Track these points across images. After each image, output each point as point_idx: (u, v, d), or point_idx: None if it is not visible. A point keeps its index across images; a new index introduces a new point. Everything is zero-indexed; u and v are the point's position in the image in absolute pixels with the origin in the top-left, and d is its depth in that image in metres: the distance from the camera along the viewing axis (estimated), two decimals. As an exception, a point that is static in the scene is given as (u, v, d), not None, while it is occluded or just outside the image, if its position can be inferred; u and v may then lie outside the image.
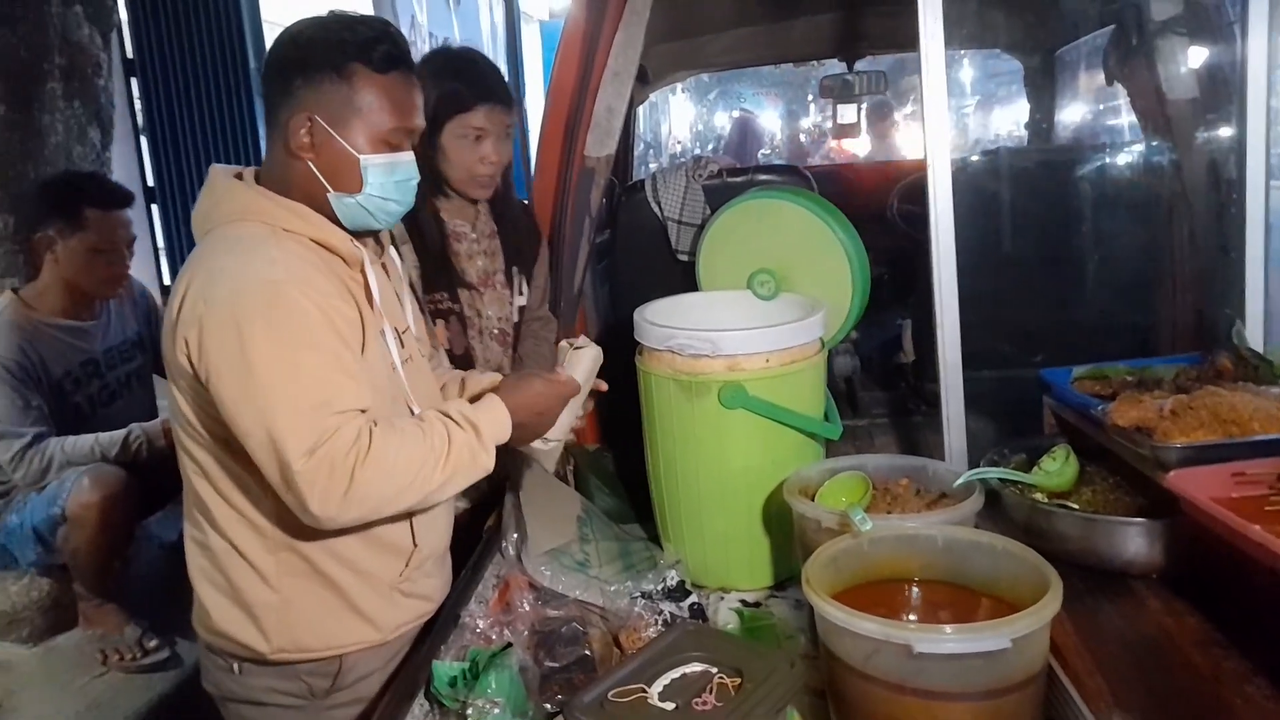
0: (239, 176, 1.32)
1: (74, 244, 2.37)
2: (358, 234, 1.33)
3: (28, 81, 2.54)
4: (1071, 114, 3.66)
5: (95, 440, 2.40)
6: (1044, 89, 3.40)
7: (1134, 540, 1.39)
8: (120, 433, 2.42)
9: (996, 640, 0.99)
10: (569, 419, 1.56)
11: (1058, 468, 1.54)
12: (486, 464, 1.29)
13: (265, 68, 1.29)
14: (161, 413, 2.69)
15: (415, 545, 1.38)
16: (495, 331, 1.96)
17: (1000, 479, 1.53)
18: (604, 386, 1.63)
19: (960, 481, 1.46)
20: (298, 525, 1.21)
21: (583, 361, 1.57)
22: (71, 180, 2.53)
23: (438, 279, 1.87)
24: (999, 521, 1.49)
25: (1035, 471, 1.54)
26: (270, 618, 1.29)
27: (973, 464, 1.63)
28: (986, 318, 1.77)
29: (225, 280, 1.16)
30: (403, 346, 1.39)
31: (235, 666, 1.34)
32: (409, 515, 1.35)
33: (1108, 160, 2.45)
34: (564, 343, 1.60)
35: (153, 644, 2.42)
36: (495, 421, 1.31)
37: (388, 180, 1.28)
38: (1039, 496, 1.52)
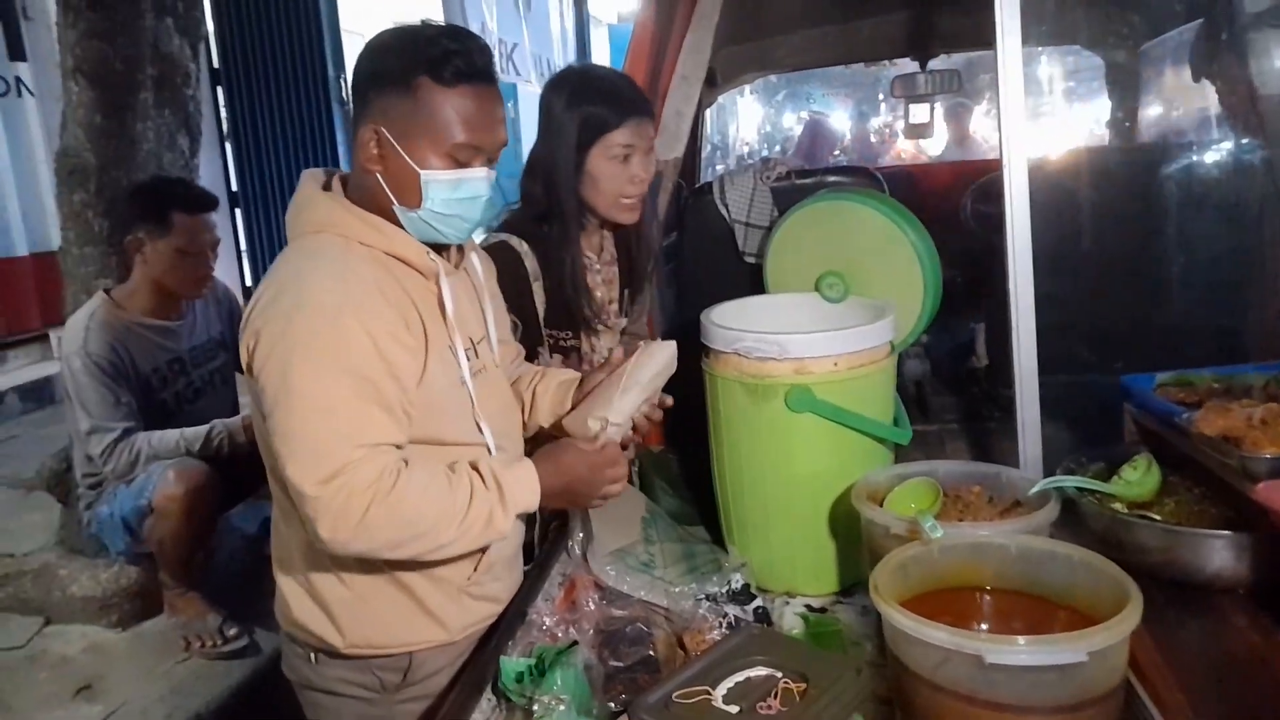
0: (327, 184, 1.33)
1: (162, 246, 2.47)
2: (434, 245, 1.33)
3: (123, 91, 2.65)
4: (1155, 111, 3.53)
5: (180, 435, 2.49)
6: (1126, 86, 3.29)
7: (1220, 553, 1.34)
8: (203, 428, 2.51)
9: (1072, 653, 0.96)
10: (634, 402, 1.48)
11: (1139, 477, 1.49)
12: (503, 528, 1.28)
13: (352, 79, 1.30)
14: (243, 409, 2.78)
15: (482, 550, 1.39)
16: (603, 360, 1.96)
17: (1078, 488, 1.48)
18: (668, 401, 1.58)
19: (1036, 489, 1.42)
20: None
21: (654, 357, 1.53)
22: (160, 185, 2.64)
23: (567, 319, 1.85)
24: (1075, 532, 1.45)
25: (1115, 481, 1.49)
26: (344, 614, 1.32)
27: (1048, 472, 1.59)
28: (1064, 321, 1.72)
29: (288, 296, 1.19)
30: (476, 357, 1.39)
31: (312, 656, 1.38)
32: None
33: (1194, 159, 2.36)
34: (640, 344, 1.56)
35: (232, 632, 2.51)
36: (524, 488, 1.30)
37: (450, 197, 1.26)
38: (1118, 506, 1.47)
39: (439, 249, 1.34)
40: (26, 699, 2.30)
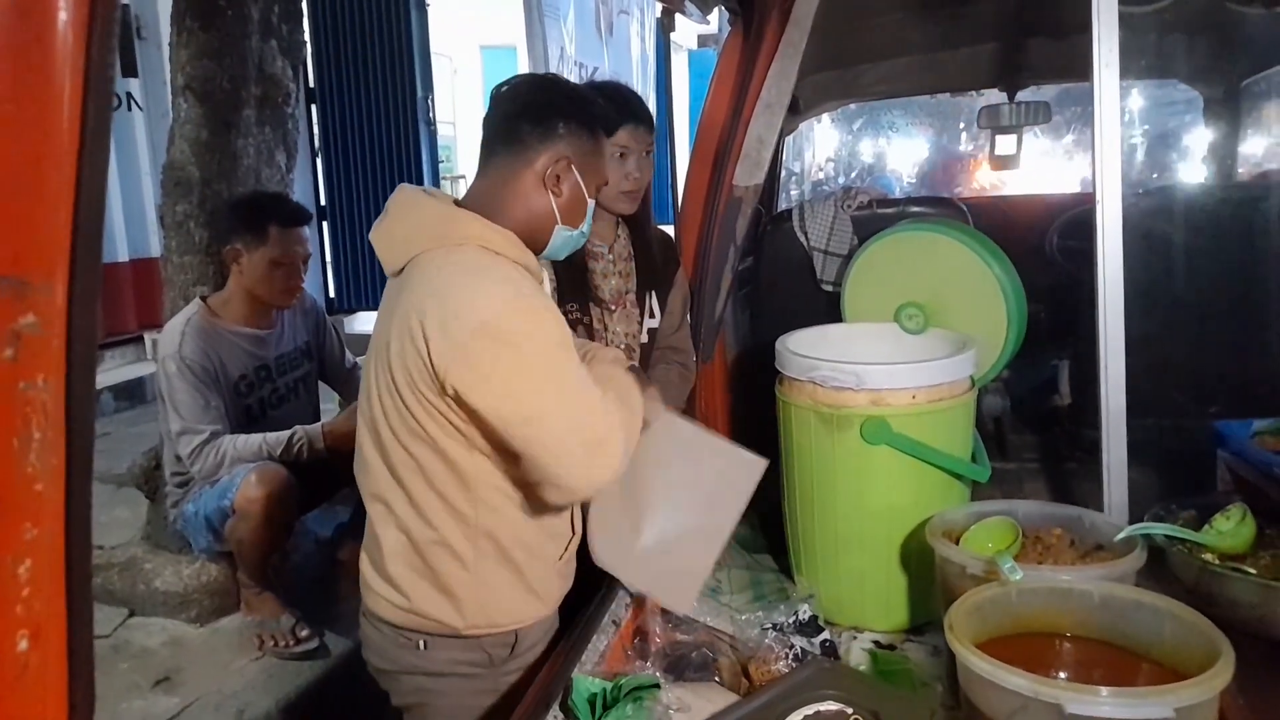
0: (430, 197, 1.45)
1: (258, 257, 2.56)
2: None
3: (228, 109, 2.76)
4: (1257, 148, 3.40)
5: (263, 440, 2.55)
6: (1226, 122, 3.18)
7: (1320, 613, 1.28)
8: (285, 434, 2.57)
9: (1158, 708, 0.93)
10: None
11: (1232, 528, 1.43)
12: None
13: (524, 105, 1.42)
14: (325, 416, 2.86)
15: (573, 532, 1.50)
16: (621, 347, 2.02)
17: (1166, 536, 1.43)
18: None
19: (1122, 535, 1.38)
20: (494, 516, 1.38)
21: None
22: (259, 199, 2.73)
23: (571, 292, 1.94)
24: (1161, 581, 1.40)
25: (1206, 530, 1.44)
26: (469, 598, 1.41)
27: (1134, 518, 1.54)
28: (1155, 363, 1.67)
29: (479, 303, 1.27)
30: None
31: (421, 643, 1.45)
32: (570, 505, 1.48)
33: (1299, 198, 2.27)
34: None
35: (304, 633, 2.56)
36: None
37: (587, 222, 1.49)
38: (1209, 558, 1.42)
39: None
40: (110, 688, 2.38)
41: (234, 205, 2.70)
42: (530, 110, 1.41)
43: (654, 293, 2.07)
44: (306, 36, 3.84)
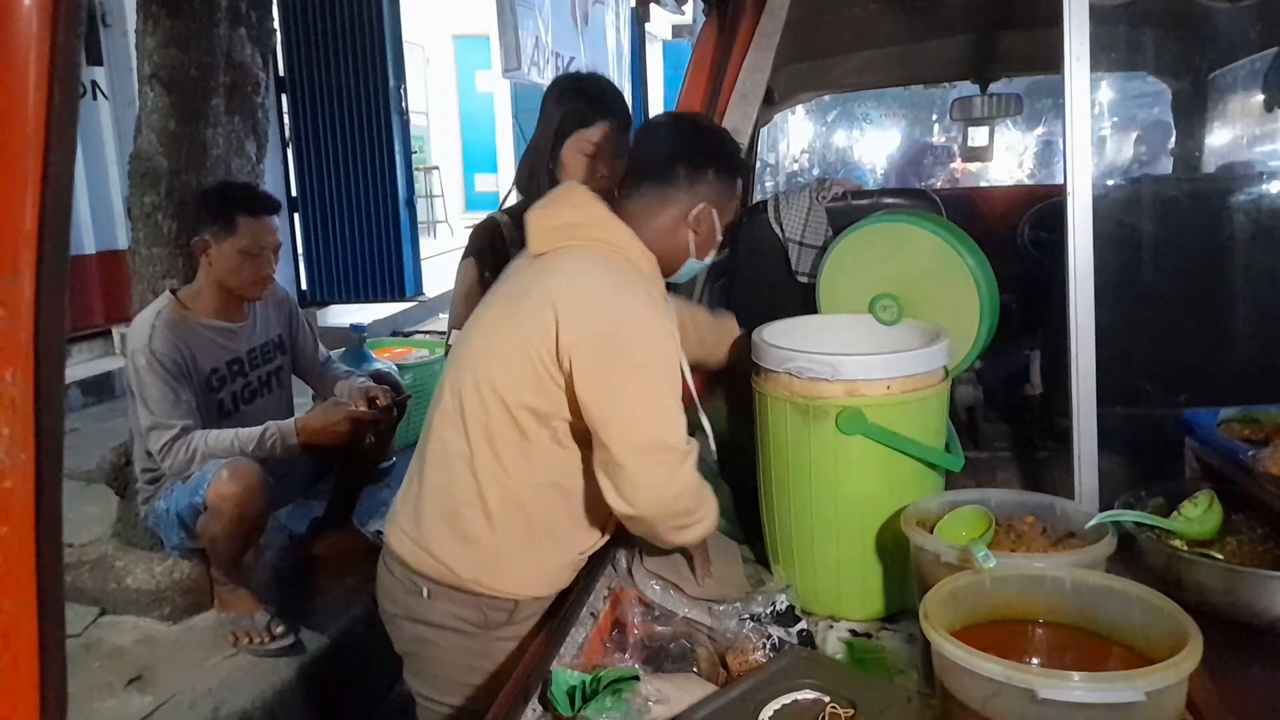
0: (594, 199, 1.56)
1: (227, 248, 2.53)
2: None
3: (196, 98, 2.71)
4: (1223, 140, 3.45)
5: (235, 435, 2.51)
6: (1194, 115, 3.22)
7: (1285, 597, 1.30)
8: (257, 430, 2.54)
9: (1129, 692, 0.94)
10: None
11: (1200, 514, 1.45)
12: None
13: (682, 149, 1.55)
14: (297, 410, 2.83)
15: (604, 534, 1.58)
16: None
17: (1136, 523, 1.45)
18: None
19: (1093, 523, 1.39)
20: (534, 490, 1.48)
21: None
22: (227, 189, 2.70)
23: None
24: (1132, 568, 1.42)
25: (1175, 517, 1.46)
26: (481, 554, 1.50)
27: (1104, 505, 1.56)
28: (1124, 352, 1.69)
29: (618, 305, 1.43)
30: None
31: (425, 591, 1.53)
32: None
33: (1265, 189, 2.30)
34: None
35: (279, 630, 2.54)
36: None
37: (711, 254, 1.63)
38: (1178, 544, 1.44)
39: None
40: (81, 687, 2.34)
41: (201, 196, 2.66)
42: (686, 155, 1.54)
43: None
44: (276, 24, 3.79)
